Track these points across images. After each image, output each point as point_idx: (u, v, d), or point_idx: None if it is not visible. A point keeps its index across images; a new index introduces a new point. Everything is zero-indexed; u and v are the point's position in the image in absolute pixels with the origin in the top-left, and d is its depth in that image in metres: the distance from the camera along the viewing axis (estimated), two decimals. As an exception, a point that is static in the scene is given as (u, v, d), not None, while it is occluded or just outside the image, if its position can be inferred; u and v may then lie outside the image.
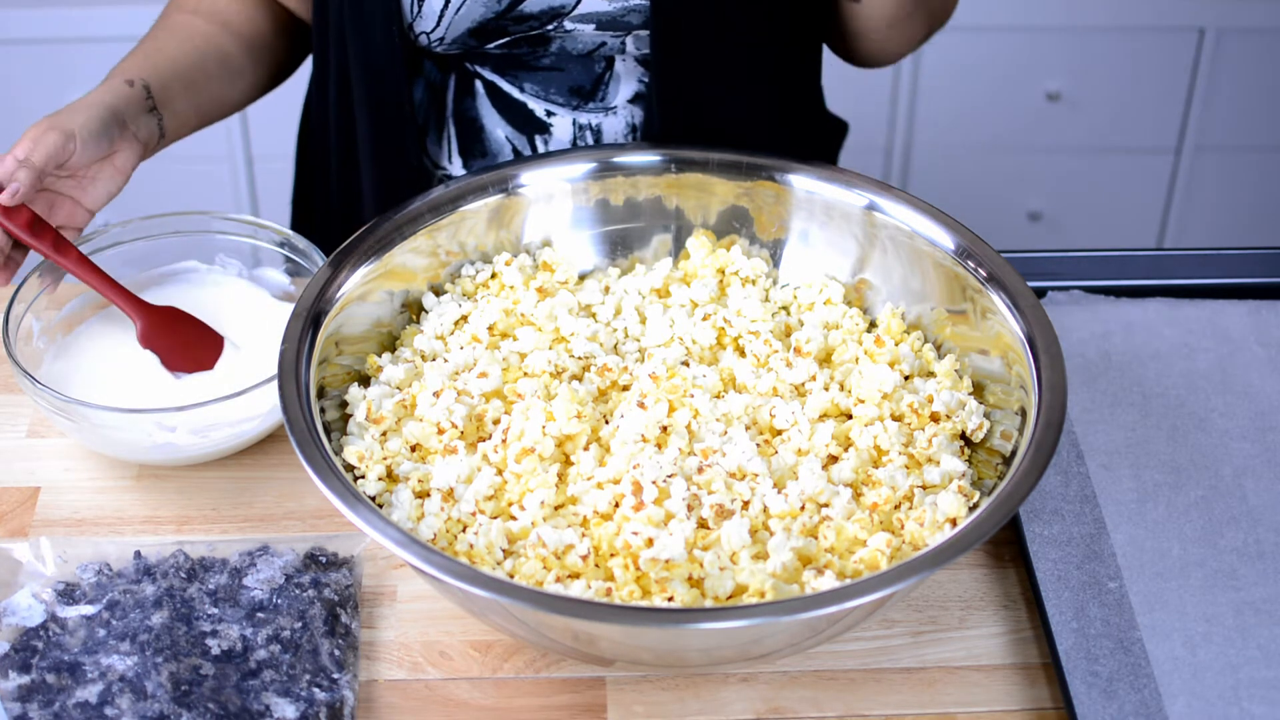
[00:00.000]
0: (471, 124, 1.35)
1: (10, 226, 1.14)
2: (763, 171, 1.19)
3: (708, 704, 1.01)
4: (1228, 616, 1.03)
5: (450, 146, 1.36)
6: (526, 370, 1.11)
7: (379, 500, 1.03)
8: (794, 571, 0.97)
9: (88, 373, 1.17)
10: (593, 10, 1.27)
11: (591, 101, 1.33)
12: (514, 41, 1.29)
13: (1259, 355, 1.23)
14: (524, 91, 1.33)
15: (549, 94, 1.33)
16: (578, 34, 1.28)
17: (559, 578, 0.97)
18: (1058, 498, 1.11)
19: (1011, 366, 1.07)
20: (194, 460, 1.14)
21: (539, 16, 1.27)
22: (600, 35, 1.29)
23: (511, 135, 1.34)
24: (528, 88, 1.33)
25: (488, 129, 1.35)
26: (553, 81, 1.32)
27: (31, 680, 0.98)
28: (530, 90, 1.33)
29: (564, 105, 1.33)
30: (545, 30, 1.28)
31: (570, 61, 1.32)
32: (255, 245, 1.25)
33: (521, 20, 1.27)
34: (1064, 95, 2.44)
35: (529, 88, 1.33)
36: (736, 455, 1.03)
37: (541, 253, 1.20)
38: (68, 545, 1.07)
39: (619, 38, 1.29)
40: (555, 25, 1.28)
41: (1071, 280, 1.29)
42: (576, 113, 1.33)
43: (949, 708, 1.01)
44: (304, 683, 0.98)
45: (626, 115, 1.34)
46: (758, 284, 1.19)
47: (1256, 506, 1.11)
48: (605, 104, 1.33)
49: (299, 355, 1.03)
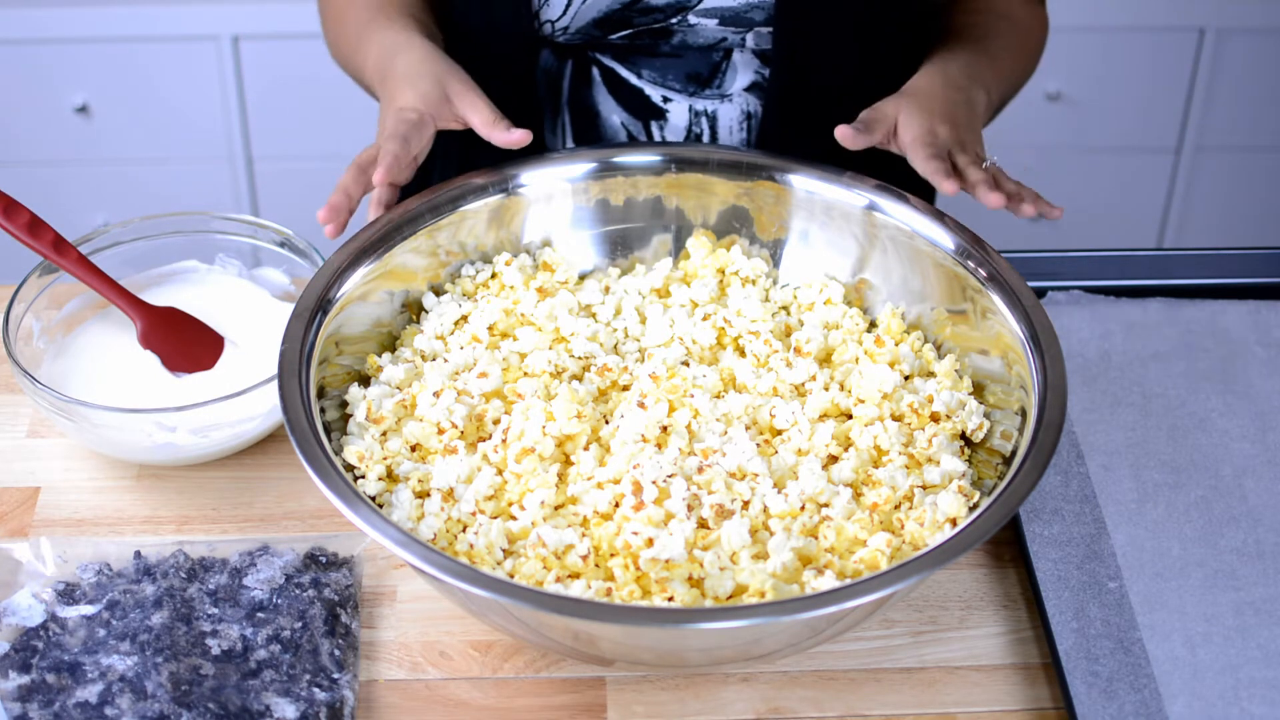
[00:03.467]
0: (587, 110, 1.36)
1: (10, 227, 1.14)
2: (763, 171, 1.19)
3: (708, 704, 1.01)
4: (1228, 616, 1.03)
5: (565, 133, 1.37)
6: (526, 370, 1.11)
7: (379, 500, 1.03)
8: (794, 571, 0.97)
9: (88, 373, 1.17)
10: (717, 5, 1.28)
11: (708, 88, 1.34)
12: (637, 33, 1.31)
13: (1259, 355, 1.23)
14: (641, 78, 1.34)
15: (666, 80, 1.34)
16: (700, 28, 1.30)
17: (559, 578, 0.97)
18: (1058, 498, 1.11)
19: (1011, 366, 1.07)
20: (194, 460, 1.15)
21: (664, 9, 1.28)
22: (722, 30, 1.30)
23: (627, 121, 1.36)
24: (645, 74, 1.34)
25: (603, 115, 1.36)
26: (670, 68, 1.33)
27: (31, 680, 0.98)
28: (647, 76, 1.34)
29: (680, 91, 1.34)
30: (669, 23, 1.29)
31: (689, 50, 1.33)
32: (255, 245, 1.25)
33: (647, 12, 1.28)
34: (1064, 95, 2.44)
35: (646, 74, 1.34)
36: (736, 455, 1.03)
37: (541, 253, 1.20)
38: (68, 545, 1.07)
39: (740, 33, 1.30)
40: (679, 19, 1.29)
41: (1071, 280, 1.29)
42: (693, 99, 1.34)
43: (949, 708, 1.01)
44: (304, 683, 0.98)
45: (742, 103, 1.35)
46: (758, 284, 1.19)
47: (1256, 506, 1.11)
48: (721, 91, 1.34)
49: (299, 355, 1.03)
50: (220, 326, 1.20)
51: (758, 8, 1.28)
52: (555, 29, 1.31)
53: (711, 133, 1.35)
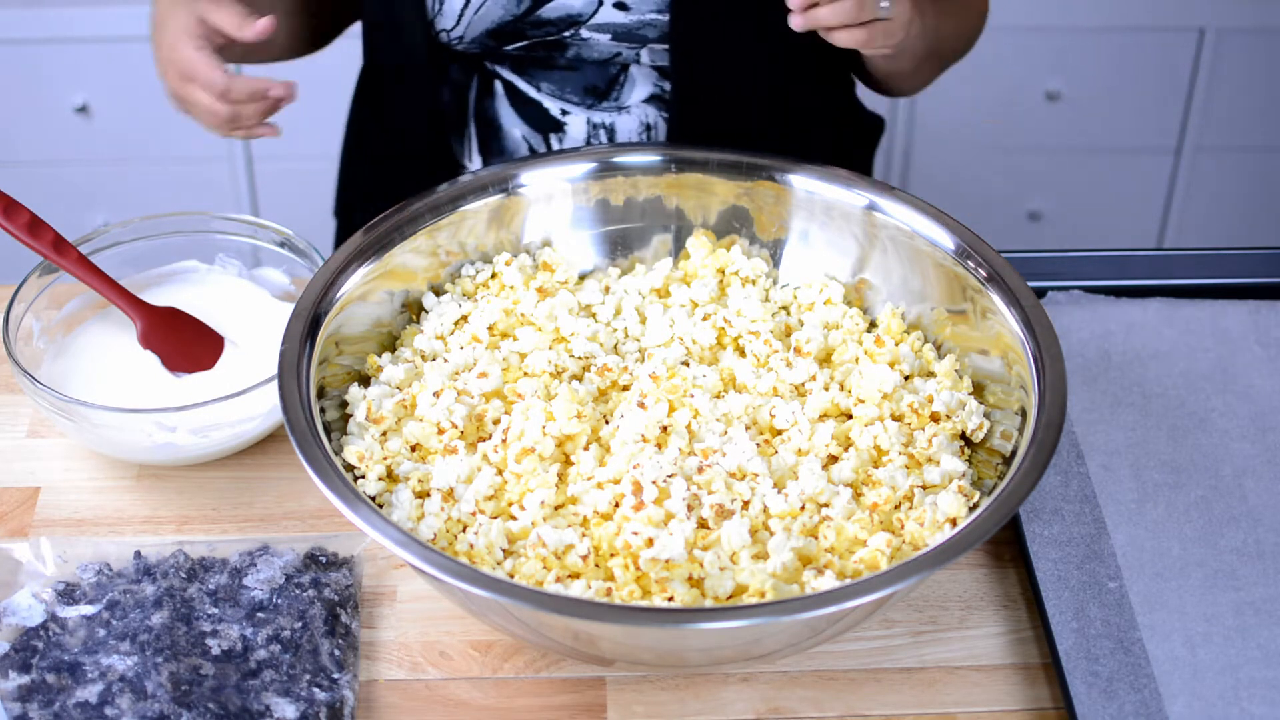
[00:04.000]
0: (490, 123, 1.37)
1: (10, 227, 1.14)
2: (763, 171, 1.19)
3: (708, 704, 1.01)
4: (1228, 616, 1.03)
5: (471, 145, 1.38)
6: (526, 370, 1.11)
7: (379, 500, 1.03)
8: (794, 571, 0.97)
9: (88, 373, 1.17)
10: (609, 21, 1.28)
11: (605, 101, 1.34)
12: (532, 45, 1.31)
13: (1259, 355, 1.23)
14: (540, 90, 1.34)
15: (564, 93, 1.34)
16: (594, 42, 1.30)
17: (559, 578, 0.97)
18: (1058, 498, 1.11)
19: (1011, 366, 1.07)
20: (194, 460, 1.14)
21: (556, 23, 1.29)
22: (616, 45, 1.30)
23: (528, 134, 1.36)
24: (544, 87, 1.34)
25: (505, 128, 1.37)
26: (568, 81, 1.34)
27: (31, 680, 0.98)
28: (546, 89, 1.34)
29: (578, 104, 1.35)
30: (562, 37, 1.30)
31: (585, 63, 1.33)
32: (255, 245, 1.25)
33: (539, 25, 1.29)
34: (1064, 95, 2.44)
35: (545, 87, 1.34)
36: (736, 455, 1.03)
37: (541, 253, 1.20)
38: (68, 545, 1.07)
39: (635, 49, 1.30)
40: (572, 33, 1.29)
41: (1071, 280, 1.29)
42: (591, 111, 1.35)
43: (949, 708, 1.01)
44: (304, 683, 0.98)
45: (640, 114, 1.35)
46: (758, 284, 1.19)
47: (1256, 506, 1.11)
48: (619, 103, 1.34)
49: (299, 355, 1.03)
50: (220, 326, 1.20)
51: (650, 25, 1.29)
52: (451, 38, 1.32)
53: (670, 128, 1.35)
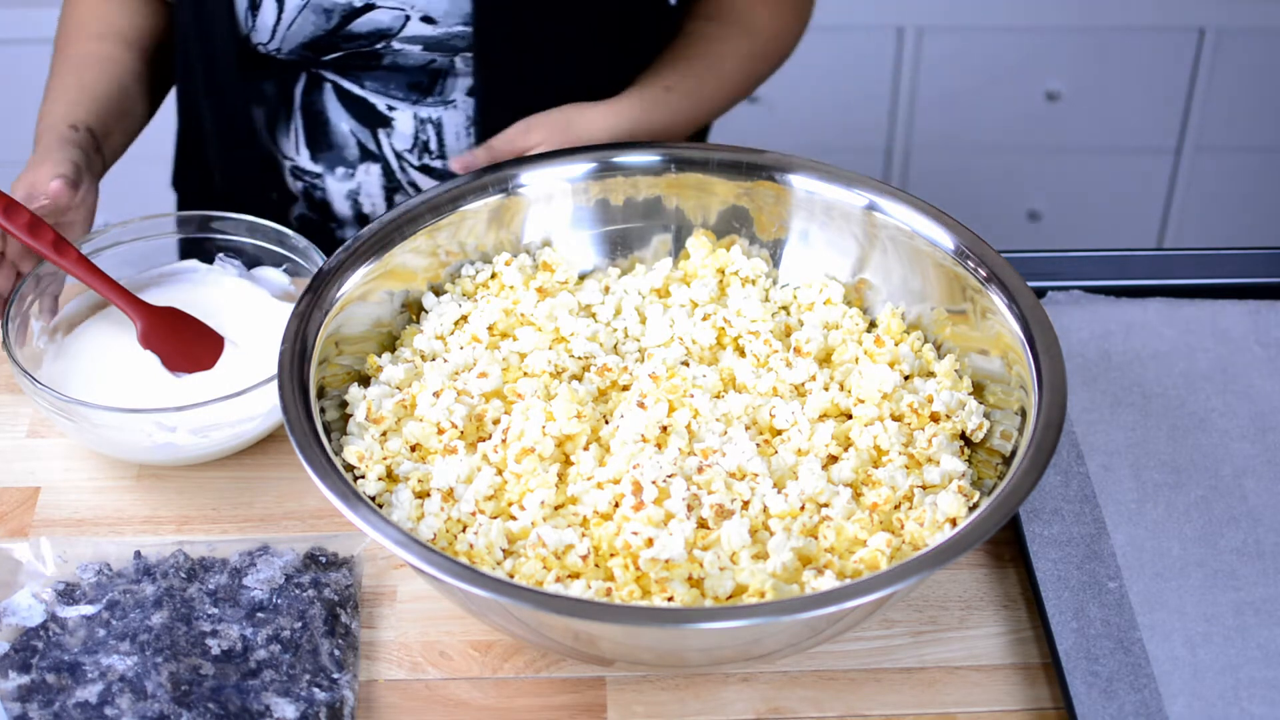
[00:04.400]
0: (317, 117, 1.38)
1: (10, 227, 1.14)
2: (763, 171, 1.19)
3: (708, 704, 1.01)
4: (1228, 616, 1.03)
5: (298, 138, 1.39)
6: (526, 370, 1.11)
7: (379, 500, 1.03)
8: (794, 571, 0.97)
9: (88, 373, 1.17)
10: (418, 34, 1.31)
11: (430, 96, 1.36)
12: (348, 55, 1.34)
13: (1259, 355, 1.23)
14: (365, 89, 1.36)
15: (389, 90, 1.36)
16: (406, 52, 1.33)
17: (559, 578, 0.97)
18: (1058, 498, 1.11)
19: (1011, 366, 1.07)
20: (194, 460, 1.14)
21: (367, 36, 1.31)
22: (429, 54, 1.33)
23: (355, 129, 1.38)
24: (368, 85, 1.36)
25: (333, 122, 1.38)
26: (391, 80, 1.36)
27: (31, 680, 0.98)
28: (371, 88, 1.36)
29: (404, 100, 1.36)
30: (374, 48, 1.32)
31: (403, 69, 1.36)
32: (255, 245, 1.25)
33: (351, 39, 1.31)
34: (1064, 95, 2.44)
35: (370, 85, 1.36)
36: (736, 455, 1.03)
37: (541, 253, 1.20)
38: (68, 545, 1.07)
39: (447, 57, 1.33)
40: (383, 45, 1.32)
41: (1071, 280, 1.29)
42: (416, 107, 1.36)
43: (949, 708, 1.01)
44: (304, 683, 0.98)
45: (466, 108, 1.37)
46: (758, 284, 1.19)
47: (1256, 506, 1.11)
48: (444, 98, 1.36)
49: (299, 355, 1.03)
50: (220, 326, 1.20)
51: (458, 37, 1.31)
52: (268, 50, 1.33)
53: (438, 139, 1.37)
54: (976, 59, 2.43)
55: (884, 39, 2.40)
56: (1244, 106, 2.46)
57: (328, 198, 1.40)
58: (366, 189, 1.39)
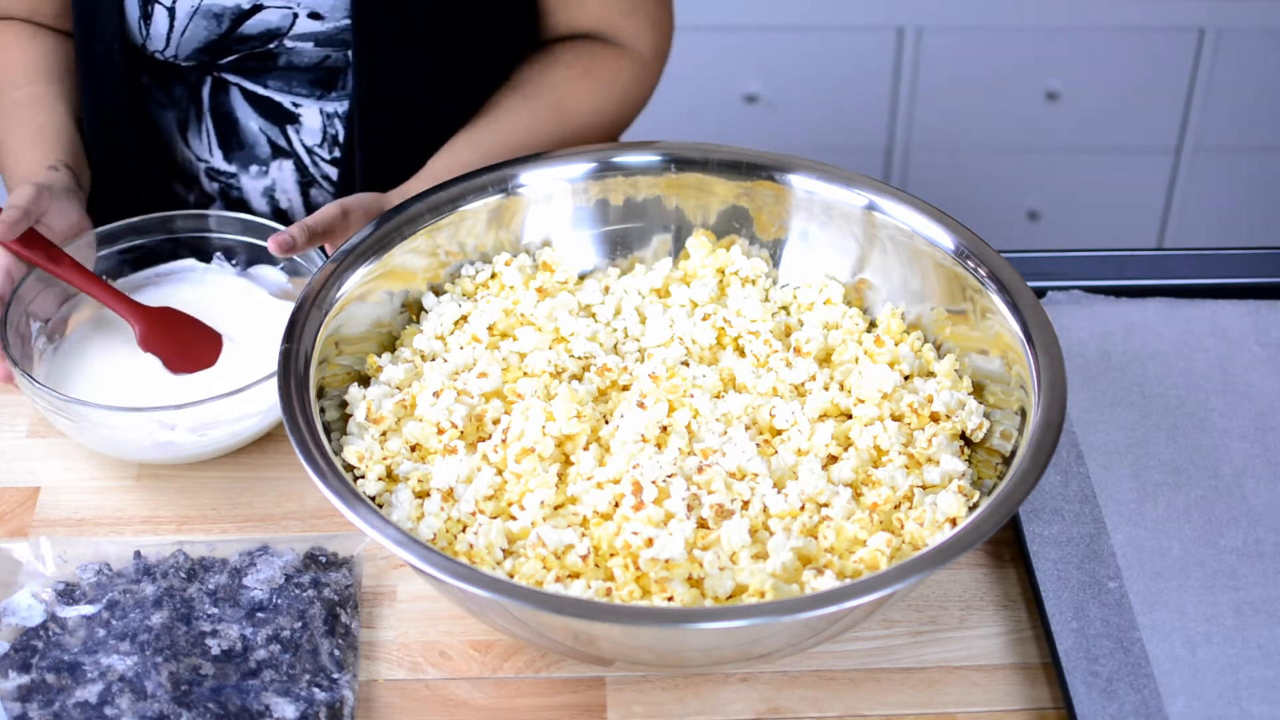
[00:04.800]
0: (227, 118, 1.39)
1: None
2: (762, 171, 1.19)
3: (708, 704, 1.01)
4: (1228, 616, 1.03)
5: (210, 140, 1.39)
6: (526, 370, 1.11)
7: (379, 500, 1.03)
8: (794, 571, 0.97)
9: (88, 373, 1.17)
10: (308, 31, 1.31)
11: (334, 91, 1.37)
12: (243, 57, 1.34)
13: (1259, 355, 1.23)
14: (268, 88, 1.37)
15: (292, 88, 1.37)
16: (300, 50, 1.33)
17: (559, 578, 0.97)
18: (1058, 498, 1.11)
19: (1011, 366, 1.07)
20: (194, 459, 1.14)
21: (259, 37, 1.32)
22: (323, 50, 1.33)
23: (264, 127, 1.38)
24: (271, 84, 1.37)
25: (242, 122, 1.39)
26: (293, 77, 1.36)
27: (31, 680, 0.98)
28: (274, 86, 1.37)
29: (308, 97, 1.37)
30: (268, 48, 1.33)
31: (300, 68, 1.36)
32: (253, 244, 1.25)
33: (243, 41, 1.32)
34: (1064, 95, 2.44)
35: (273, 84, 1.37)
36: (736, 455, 1.03)
37: (541, 253, 1.20)
38: (68, 545, 1.07)
39: (342, 51, 1.33)
40: (276, 44, 1.32)
41: (1071, 280, 1.29)
42: (321, 102, 1.37)
43: (949, 708, 1.01)
44: (304, 683, 0.98)
45: None
46: (758, 284, 1.19)
47: (1256, 506, 1.11)
48: (347, 92, 1.36)
49: (299, 355, 1.03)
50: (219, 325, 1.20)
51: (348, 30, 1.31)
52: (166, 56, 1.34)
53: (347, 132, 1.37)
54: (976, 59, 2.43)
55: (884, 39, 2.40)
56: (1244, 106, 2.46)
57: (244, 196, 1.41)
58: (281, 185, 1.40)
